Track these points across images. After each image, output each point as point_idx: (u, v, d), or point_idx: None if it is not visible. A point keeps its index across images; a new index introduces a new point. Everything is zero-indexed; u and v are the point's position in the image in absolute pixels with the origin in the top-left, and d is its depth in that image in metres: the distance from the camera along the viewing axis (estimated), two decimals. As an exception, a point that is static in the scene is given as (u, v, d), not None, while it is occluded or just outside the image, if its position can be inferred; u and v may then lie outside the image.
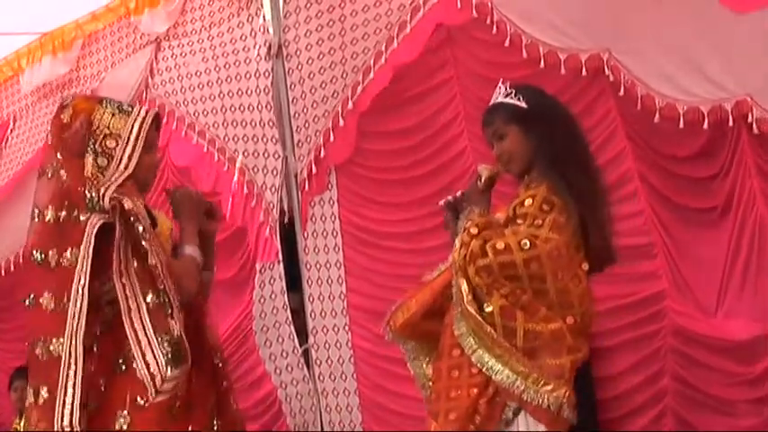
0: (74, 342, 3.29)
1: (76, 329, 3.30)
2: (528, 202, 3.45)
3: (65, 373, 3.31)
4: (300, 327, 6.08)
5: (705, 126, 4.34)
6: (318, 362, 5.97)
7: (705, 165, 4.54)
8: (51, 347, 3.36)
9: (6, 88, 7.71)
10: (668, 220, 4.67)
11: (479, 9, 5.09)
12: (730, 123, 4.29)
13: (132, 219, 3.35)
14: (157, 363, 3.30)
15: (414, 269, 5.37)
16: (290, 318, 6.07)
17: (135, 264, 3.36)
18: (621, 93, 4.57)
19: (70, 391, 3.30)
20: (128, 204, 3.35)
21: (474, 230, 3.46)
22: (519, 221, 3.43)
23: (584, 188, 3.48)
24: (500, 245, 3.36)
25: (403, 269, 5.54)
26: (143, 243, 3.34)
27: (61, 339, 3.33)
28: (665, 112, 4.44)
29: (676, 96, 4.41)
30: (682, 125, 4.40)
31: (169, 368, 3.29)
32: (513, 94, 3.63)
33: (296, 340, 6.05)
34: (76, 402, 3.30)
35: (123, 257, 3.35)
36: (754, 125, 4.20)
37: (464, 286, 3.43)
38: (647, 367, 4.74)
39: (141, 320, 3.33)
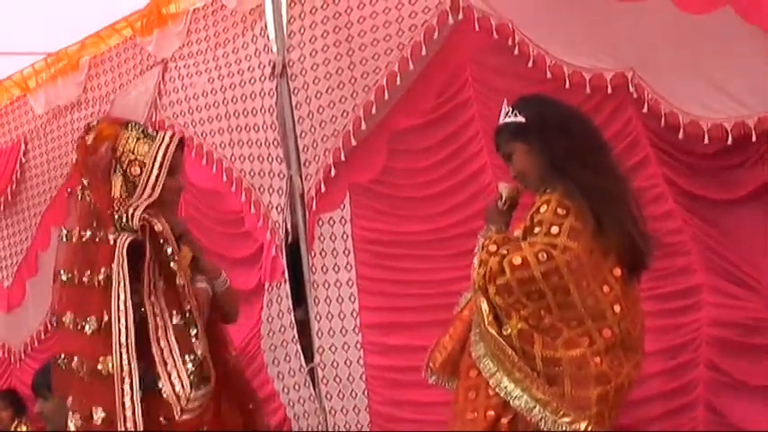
0: (125, 357, 3.34)
1: (127, 344, 3.35)
2: (543, 208, 3.43)
3: (120, 389, 3.35)
4: (306, 345, 6.08)
5: (729, 142, 4.33)
6: (325, 381, 5.95)
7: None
8: (100, 366, 3.41)
9: (14, 109, 7.79)
10: (699, 215, 4.64)
11: (500, 30, 5.08)
12: (753, 139, 4.28)
13: (162, 240, 3.43)
14: (182, 383, 3.36)
15: (430, 274, 5.46)
16: (297, 336, 6.07)
17: (162, 284, 3.44)
18: (645, 110, 4.56)
19: (128, 404, 3.33)
20: (158, 227, 3.44)
21: (493, 248, 3.44)
22: (536, 230, 3.40)
23: (596, 188, 3.44)
24: (516, 260, 3.32)
25: (419, 274, 5.58)
26: (171, 265, 3.42)
27: (108, 358, 3.38)
28: (689, 129, 4.43)
29: (699, 113, 4.40)
30: (707, 141, 4.40)
31: (194, 389, 3.35)
32: (511, 112, 3.65)
33: (302, 359, 6.05)
34: (138, 415, 3.33)
35: (153, 277, 3.43)
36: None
37: (484, 306, 3.40)
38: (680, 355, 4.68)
39: (168, 340, 3.40)
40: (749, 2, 4.18)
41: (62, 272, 3.60)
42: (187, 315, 3.41)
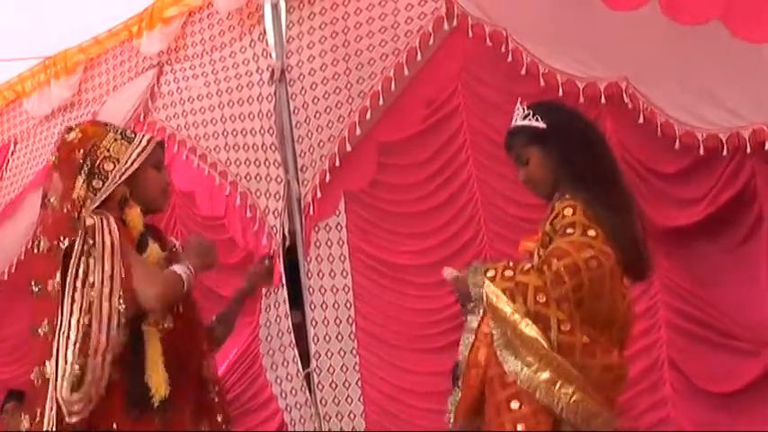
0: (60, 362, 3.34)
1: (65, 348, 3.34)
2: (568, 211, 3.32)
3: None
4: (302, 351, 6.09)
5: (724, 153, 4.35)
6: (321, 386, 5.96)
7: (696, 183, 4.58)
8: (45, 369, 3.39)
9: (9, 111, 7.76)
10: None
11: (493, 38, 5.09)
12: (748, 150, 4.29)
13: (88, 235, 3.38)
14: (63, 387, 3.32)
15: (417, 302, 5.51)
16: (294, 341, 6.08)
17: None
18: (641, 120, 4.56)
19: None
20: (89, 221, 3.39)
21: (509, 273, 3.31)
22: (569, 230, 3.28)
23: (612, 204, 3.38)
24: (567, 262, 3.20)
25: (408, 301, 5.65)
26: (90, 260, 3.36)
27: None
28: (685, 140, 4.45)
29: (694, 124, 4.42)
30: (702, 152, 4.41)
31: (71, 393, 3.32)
32: (530, 115, 3.53)
33: (299, 364, 6.06)
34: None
35: (77, 272, 3.38)
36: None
37: (553, 320, 3.25)
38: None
39: (66, 342, 3.34)
40: (738, 16, 4.21)
41: (33, 283, 3.53)
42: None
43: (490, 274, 3.33)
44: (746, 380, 4.47)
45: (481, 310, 3.41)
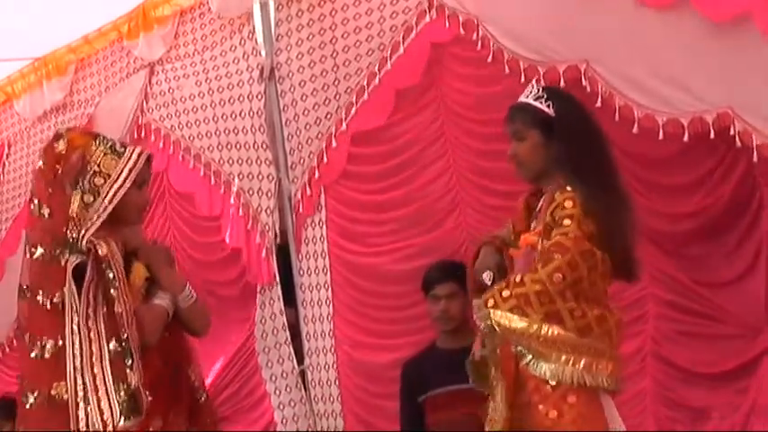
0: (80, 383, 3.32)
1: (81, 369, 3.32)
2: (569, 203, 3.41)
3: (75, 415, 3.33)
4: (297, 348, 6.10)
5: (685, 138, 4.26)
6: (314, 384, 5.98)
7: (687, 170, 4.52)
8: (54, 393, 3.38)
9: (0, 113, 7.76)
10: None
11: (466, 26, 5.07)
12: (711, 136, 4.21)
13: (104, 265, 3.37)
14: (111, 411, 3.29)
15: (395, 311, 5.56)
16: (289, 338, 6.08)
17: (104, 309, 3.38)
18: (599, 104, 4.45)
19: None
20: (102, 250, 3.37)
21: (506, 293, 3.38)
22: (566, 222, 3.38)
23: (604, 204, 3.44)
24: (568, 258, 3.31)
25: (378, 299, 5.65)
26: (111, 291, 3.36)
27: (62, 384, 3.36)
28: (644, 123, 4.36)
29: (655, 107, 4.34)
30: (661, 136, 4.32)
31: (122, 419, 3.29)
32: (543, 98, 3.58)
33: (294, 361, 6.06)
34: None
35: (93, 301, 3.37)
36: (737, 138, 4.11)
37: (565, 312, 3.37)
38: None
39: (102, 367, 3.33)
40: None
41: (24, 287, 3.55)
42: (123, 344, 3.34)
43: (490, 303, 3.40)
44: (735, 364, 4.45)
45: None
